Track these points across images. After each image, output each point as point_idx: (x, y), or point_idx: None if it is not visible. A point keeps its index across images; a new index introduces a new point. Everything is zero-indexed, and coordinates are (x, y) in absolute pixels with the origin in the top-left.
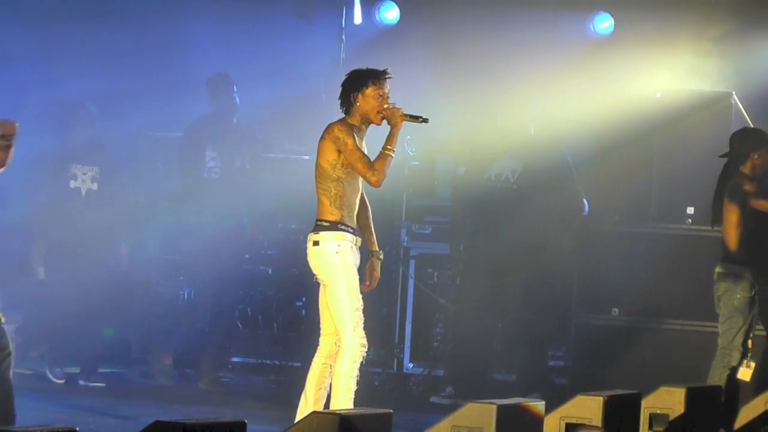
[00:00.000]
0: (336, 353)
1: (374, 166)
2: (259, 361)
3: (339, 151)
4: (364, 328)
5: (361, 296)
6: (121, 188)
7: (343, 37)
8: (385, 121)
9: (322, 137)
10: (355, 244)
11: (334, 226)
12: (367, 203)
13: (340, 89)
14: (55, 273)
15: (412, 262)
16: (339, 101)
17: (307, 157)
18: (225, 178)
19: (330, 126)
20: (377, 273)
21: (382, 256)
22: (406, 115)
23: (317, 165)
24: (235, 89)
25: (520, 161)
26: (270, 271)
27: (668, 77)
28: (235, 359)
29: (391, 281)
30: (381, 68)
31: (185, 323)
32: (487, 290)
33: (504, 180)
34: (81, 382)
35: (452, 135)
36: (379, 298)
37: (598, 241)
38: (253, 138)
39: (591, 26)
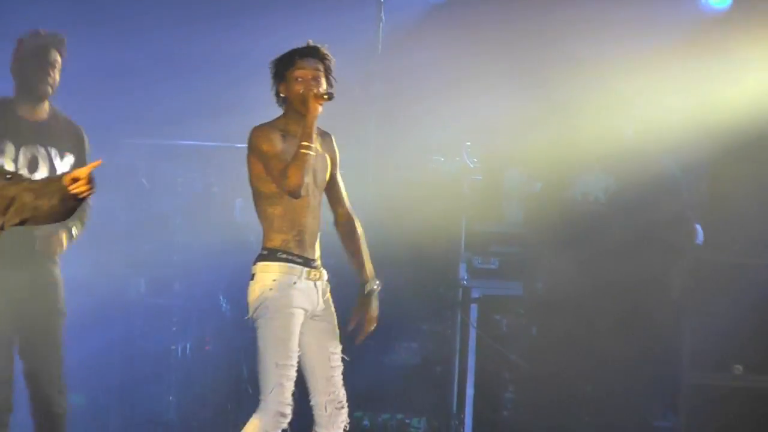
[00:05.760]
0: (328, 417)
1: (286, 170)
2: None
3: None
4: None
5: (296, 350)
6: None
7: (383, 15)
8: None
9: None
10: (309, 278)
11: (272, 254)
12: (355, 222)
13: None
14: None
15: (474, 307)
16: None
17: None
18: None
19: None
20: (372, 312)
21: (375, 286)
22: (319, 95)
23: (250, 185)
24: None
25: (612, 175)
26: None
27: None
28: None
29: (447, 331)
30: (320, 45)
31: (178, 386)
32: (571, 342)
33: (593, 199)
34: None
35: (524, 141)
36: (431, 352)
37: (715, 278)
38: None
39: None
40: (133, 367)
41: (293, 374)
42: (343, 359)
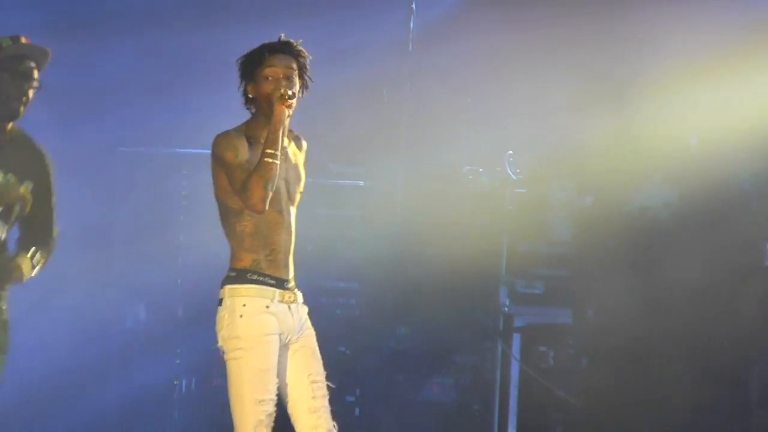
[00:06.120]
0: None
1: (247, 182)
2: None
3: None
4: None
5: (275, 382)
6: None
7: (414, 6)
8: None
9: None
10: (283, 300)
11: (241, 276)
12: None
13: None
14: None
15: (517, 337)
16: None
17: (361, 183)
18: None
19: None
20: None
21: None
22: (284, 96)
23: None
24: None
25: (674, 188)
26: None
27: None
28: None
29: (486, 364)
30: (293, 41)
31: (182, 425)
32: (626, 377)
33: (652, 215)
34: None
35: (573, 150)
36: (468, 388)
37: None
38: None
39: None
40: (131, 402)
41: (273, 409)
42: (328, 386)
